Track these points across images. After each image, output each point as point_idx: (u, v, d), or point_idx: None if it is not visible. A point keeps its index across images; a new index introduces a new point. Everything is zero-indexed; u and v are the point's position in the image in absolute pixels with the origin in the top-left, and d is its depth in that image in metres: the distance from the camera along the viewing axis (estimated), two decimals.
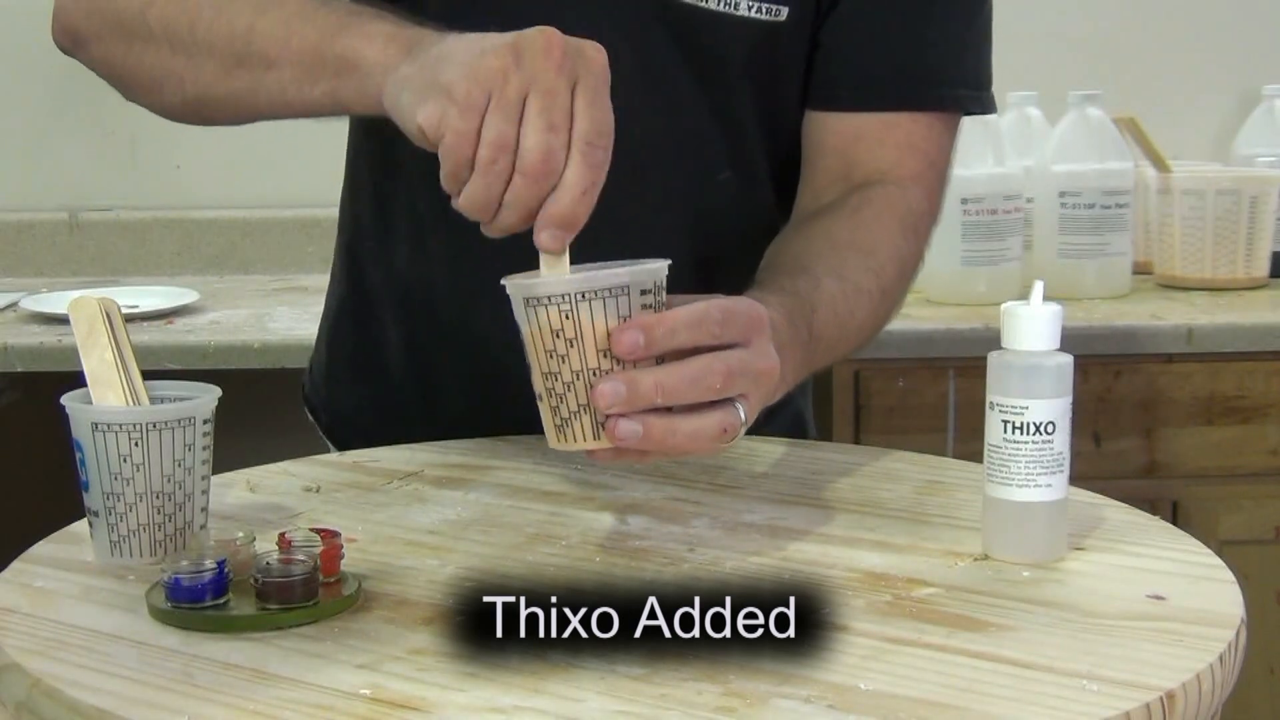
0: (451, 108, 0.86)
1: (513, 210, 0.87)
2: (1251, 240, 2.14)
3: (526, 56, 0.86)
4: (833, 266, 1.07)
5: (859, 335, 1.10)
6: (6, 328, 2.05)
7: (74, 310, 0.94)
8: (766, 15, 1.14)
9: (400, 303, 1.25)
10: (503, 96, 0.85)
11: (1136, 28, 2.53)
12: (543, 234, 0.86)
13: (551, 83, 0.85)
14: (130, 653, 0.78)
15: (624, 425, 0.85)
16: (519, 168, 0.85)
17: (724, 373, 0.86)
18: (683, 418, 0.86)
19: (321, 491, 1.07)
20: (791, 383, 0.99)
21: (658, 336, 0.85)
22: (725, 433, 0.87)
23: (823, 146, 1.19)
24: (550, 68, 0.85)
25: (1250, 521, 1.97)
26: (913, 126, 1.18)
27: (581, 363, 0.86)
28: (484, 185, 0.86)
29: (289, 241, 2.52)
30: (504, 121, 0.85)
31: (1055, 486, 0.90)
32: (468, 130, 0.86)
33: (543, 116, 0.85)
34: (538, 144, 0.85)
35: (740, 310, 0.89)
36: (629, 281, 0.86)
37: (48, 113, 2.52)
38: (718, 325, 0.87)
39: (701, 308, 0.87)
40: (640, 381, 0.85)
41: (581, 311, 0.85)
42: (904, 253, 1.14)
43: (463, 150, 0.86)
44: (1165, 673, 0.75)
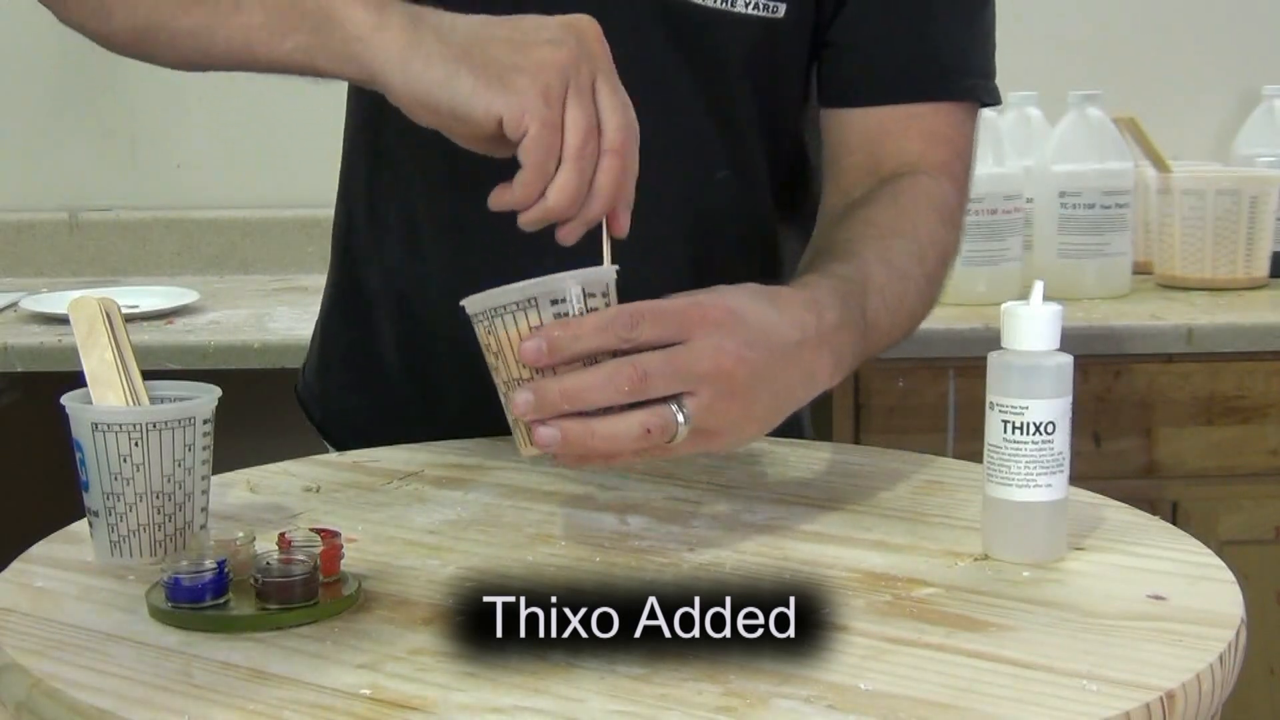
0: (535, 99, 0.86)
1: (603, 194, 0.89)
2: (1251, 240, 2.14)
3: (585, 43, 0.89)
4: (880, 253, 1.07)
5: (910, 321, 1.09)
6: (6, 328, 2.05)
7: (74, 310, 0.94)
8: (764, 12, 1.15)
9: (394, 299, 1.25)
10: (579, 85, 0.87)
11: (1136, 28, 2.53)
12: (624, 217, 0.91)
13: (610, 66, 0.89)
14: (130, 653, 0.78)
15: (542, 431, 0.86)
16: (609, 147, 0.88)
17: (632, 374, 0.86)
18: (599, 420, 0.86)
19: (321, 491, 1.07)
20: (851, 365, 0.98)
21: (562, 343, 0.86)
22: (649, 433, 0.87)
23: (847, 144, 1.19)
24: (603, 50, 0.89)
25: (1250, 521, 1.97)
26: (935, 117, 1.18)
27: (507, 373, 0.89)
28: (577, 173, 0.88)
29: (289, 241, 2.52)
30: (587, 108, 0.88)
31: (1055, 486, 0.90)
32: (555, 120, 0.87)
33: (616, 96, 0.89)
34: (623, 122, 0.89)
35: (669, 309, 0.88)
36: (536, 294, 0.87)
37: (48, 113, 2.52)
38: (626, 328, 0.87)
39: (611, 312, 0.88)
40: (546, 388, 0.86)
41: (497, 325, 0.88)
42: (943, 240, 1.13)
43: (553, 141, 0.87)
44: (1165, 673, 0.75)
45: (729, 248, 1.20)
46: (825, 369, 0.95)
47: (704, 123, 1.18)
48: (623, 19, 1.13)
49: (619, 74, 0.91)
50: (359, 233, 1.28)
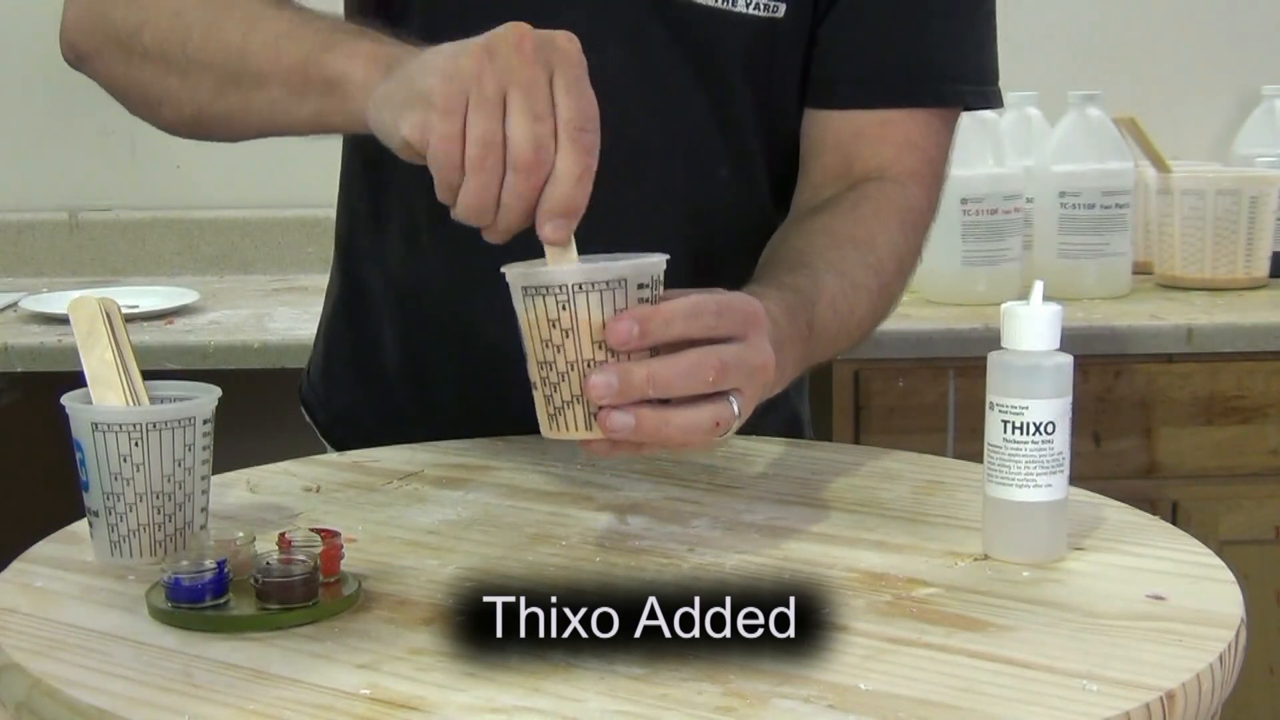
0: (432, 114, 0.85)
1: (511, 208, 0.86)
2: (1251, 240, 2.14)
3: (499, 53, 0.85)
4: (833, 262, 1.07)
5: (859, 330, 1.10)
6: (6, 328, 2.05)
7: (74, 310, 0.94)
8: (764, 12, 1.15)
9: (396, 301, 1.25)
10: (481, 95, 0.85)
11: (1136, 28, 2.53)
12: (545, 226, 0.86)
13: (528, 75, 0.85)
14: (130, 653, 0.78)
15: (616, 417, 0.85)
16: (511, 162, 0.85)
17: (717, 366, 0.86)
18: (675, 410, 0.86)
19: (321, 491, 1.07)
20: (790, 377, 0.99)
21: (653, 327, 0.85)
22: (718, 426, 0.87)
23: (822, 144, 1.20)
24: (524, 61, 0.85)
25: (1250, 521, 1.97)
26: (911, 124, 1.18)
27: (576, 353, 0.86)
28: (479, 185, 0.85)
29: (289, 241, 2.52)
30: (487, 119, 0.84)
31: (1055, 486, 0.90)
32: (452, 133, 0.85)
33: (525, 108, 0.84)
34: (525, 135, 0.84)
35: (737, 304, 0.89)
36: (627, 275, 0.86)
37: (48, 113, 2.52)
38: (713, 317, 0.87)
39: (697, 299, 0.88)
40: (633, 373, 0.85)
41: (578, 302, 0.85)
42: (902, 249, 1.14)
43: (451, 153, 0.85)
44: (1165, 673, 0.75)
45: (728, 246, 1.20)
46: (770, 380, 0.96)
47: (704, 122, 1.18)
48: (623, 19, 1.13)
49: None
50: (361, 235, 1.28)
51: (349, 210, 1.30)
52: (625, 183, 1.09)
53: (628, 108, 1.11)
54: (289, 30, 1.00)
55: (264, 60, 1.00)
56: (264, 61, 1.00)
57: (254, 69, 1.01)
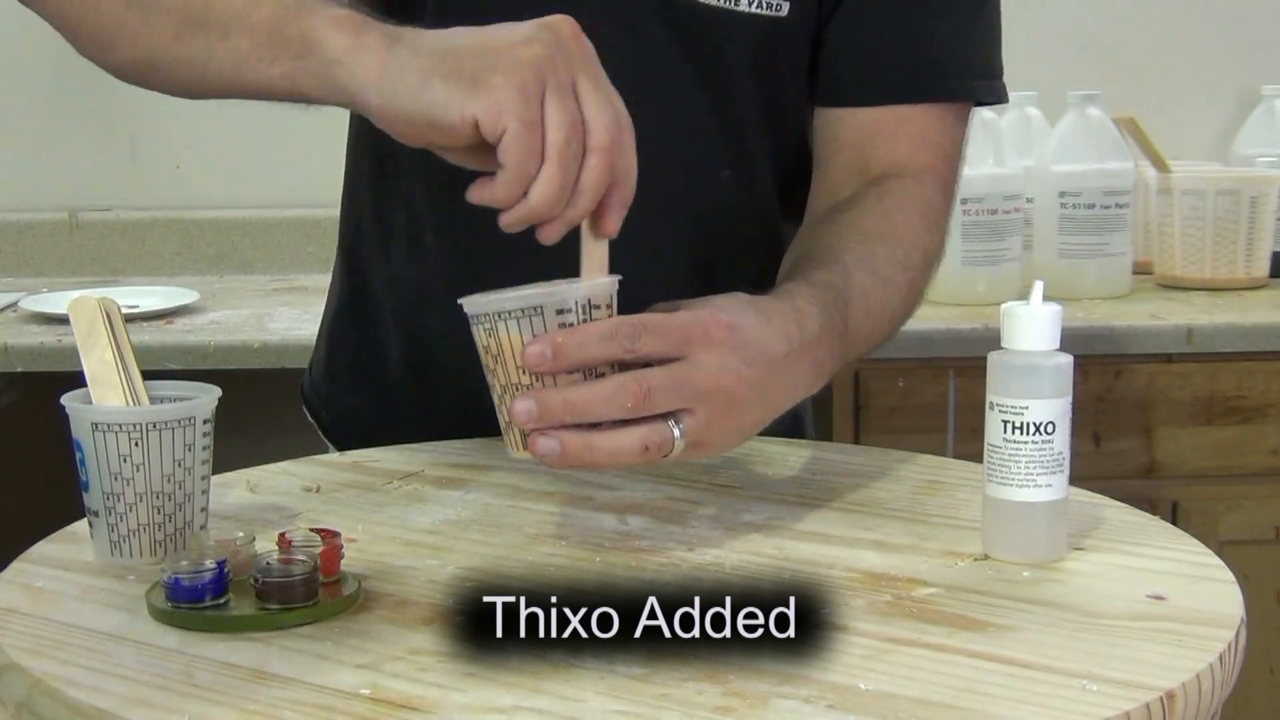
0: (511, 96, 0.84)
1: (589, 193, 0.86)
2: (1251, 240, 2.14)
3: (562, 40, 0.87)
4: (863, 258, 1.07)
5: (890, 326, 1.10)
6: (6, 328, 2.05)
7: (74, 310, 0.94)
8: (767, 11, 1.15)
9: (399, 303, 1.25)
10: (558, 81, 0.85)
11: (1136, 28, 2.53)
12: (613, 218, 0.89)
13: (593, 63, 0.87)
14: (130, 653, 0.78)
15: (541, 442, 0.87)
16: (594, 145, 0.86)
17: (637, 391, 0.86)
18: (600, 435, 0.87)
19: (321, 491, 1.07)
20: (830, 373, 0.99)
21: (566, 350, 0.86)
22: (647, 450, 0.87)
23: (837, 143, 1.19)
24: (584, 49, 0.87)
25: (1250, 521, 1.97)
26: (924, 120, 1.18)
27: (506, 378, 0.89)
28: (560, 172, 0.85)
29: (289, 241, 2.52)
30: (569, 104, 0.85)
31: (1055, 486, 0.90)
32: (535, 119, 0.84)
33: (601, 93, 0.86)
34: (610, 119, 0.86)
35: (671, 324, 0.89)
36: (542, 302, 0.88)
37: (48, 113, 2.52)
38: (629, 340, 0.87)
39: (614, 322, 0.88)
40: (549, 399, 0.86)
41: (499, 330, 0.88)
42: (927, 244, 1.14)
43: (534, 139, 0.85)
44: (1165, 673, 0.75)
45: (732, 248, 1.20)
46: (806, 379, 0.97)
47: (707, 122, 1.18)
48: (625, 18, 1.13)
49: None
50: (365, 238, 1.28)
51: (353, 212, 1.30)
52: None
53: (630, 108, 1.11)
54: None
55: (233, 9, 0.93)
56: (233, 10, 0.93)
57: (221, 16, 0.94)
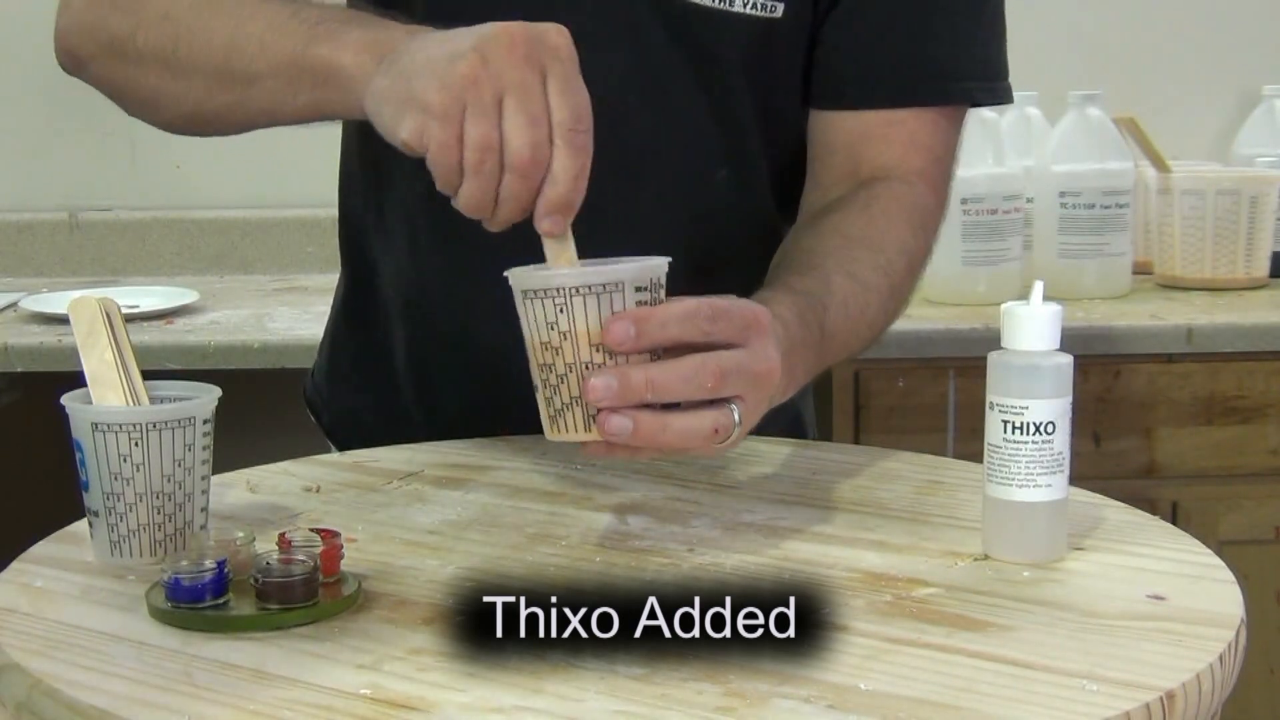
0: (430, 120, 0.87)
1: (509, 205, 0.88)
2: (1251, 240, 2.14)
3: (492, 56, 0.87)
4: (843, 263, 1.08)
5: (870, 332, 1.10)
6: (6, 328, 2.05)
7: (74, 310, 0.94)
8: (762, 11, 1.15)
9: (398, 303, 1.25)
10: (478, 100, 0.86)
11: (1136, 28, 2.53)
12: (544, 222, 0.88)
13: (522, 77, 0.87)
14: (130, 653, 0.78)
15: (615, 420, 0.86)
16: (508, 165, 0.87)
17: (717, 372, 0.87)
18: (675, 415, 0.87)
19: (321, 491, 1.07)
20: (801, 382, 0.99)
21: (648, 329, 0.86)
22: (717, 433, 0.88)
23: (828, 145, 1.20)
24: (517, 63, 0.87)
25: (1250, 521, 1.97)
26: (917, 123, 1.18)
27: (575, 356, 0.87)
28: (477, 187, 0.88)
29: (289, 241, 2.52)
30: (484, 124, 0.86)
31: (1055, 486, 0.90)
32: (449, 140, 0.87)
33: (521, 113, 0.86)
34: (523, 141, 0.86)
35: (736, 310, 0.90)
36: (624, 278, 0.87)
37: (48, 113, 2.52)
38: (707, 321, 0.88)
39: (693, 303, 0.88)
40: (631, 376, 0.86)
41: (575, 306, 0.86)
42: (913, 248, 1.14)
43: (450, 159, 0.88)
44: (1165, 673, 0.75)
45: (728, 247, 1.20)
46: (780, 386, 0.96)
47: (703, 122, 1.18)
48: (621, 19, 1.13)
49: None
50: (365, 238, 1.28)
51: (350, 212, 1.30)
52: (624, 184, 1.09)
53: (626, 109, 1.11)
54: (276, 24, 1.01)
55: (253, 57, 1.01)
56: (254, 57, 1.01)
57: (244, 66, 1.02)
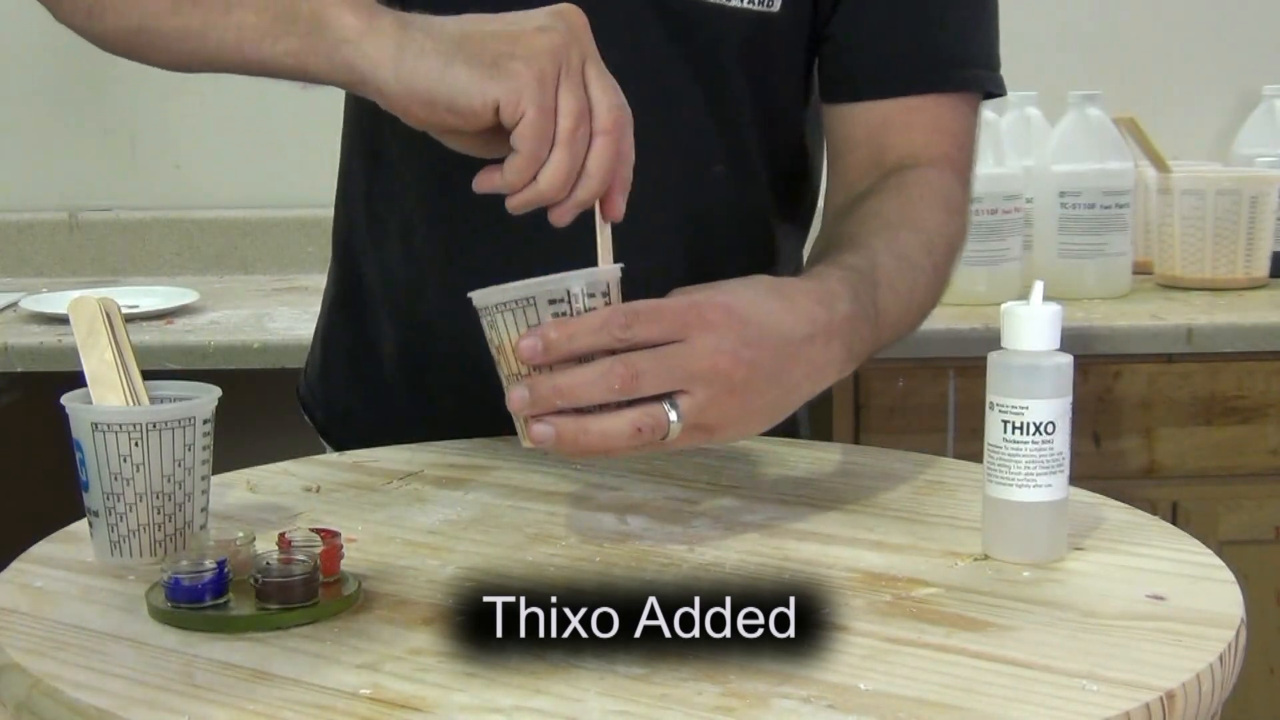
0: (530, 84, 0.87)
1: (596, 176, 0.90)
2: (1251, 240, 2.14)
3: (575, 28, 0.90)
4: (888, 243, 1.07)
5: (919, 312, 1.10)
6: (6, 328, 2.05)
7: (74, 310, 0.94)
8: (759, 6, 1.15)
9: (392, 300, 1.25)
10: (570, 69, 0.88)
11: (1136, 28, 2.53)
12: (619, 200, 0.92)
13: (597, 52, 0.90)
14: (130, 653, 0.78)
15: (537, 428, 0.88)
16: (601, 128, 0.89)
17: (623, 374, 0.87)
18: (593, 418, 0.88)
19: (321, 491, 1.07)
20: (861, 357, 0.99)
21: (557, 343, 0.87)
22: (640, 432, 0.88)
23: (850, 139, 1.20)
24: (591, 38, 0.90)
25: (1250, 521, 1.97)
26: (937, 109, 1.18)
27: (508, 368, 0.90)
28: (569, 156, 0.88)
29: (289, 241, 2.52)
30: (579, 92, 0.89)
31: (1055, 486, 0.90)
32: (549, 105, 0.88)
33: (605, 79, 0.90)
34: (615, 104, 0.90)
35: (666, 309, 0.89)
36: (534, 294, 0.89)
37: (48, 113, 2.51)
38: (621, 329, 0.88)
39: (605, 312, 0.89)
40: (539, 385, 0.88)
41: (499, 321, 0.89)
42: (950, 231, 1.14)
43: (547, 125, 0.88)
44: (1165, 673, 0.75)
45: (725, 243, 1.20)
46: (836, 361, 0.96)
47: (700, 118, 1.18)
48: (618, 14, 1.13)
49: (614, 70, 0.92)
50: (358, 234, 1.28)
51: (346, 210, 1.30)
52: None
53: None
54: None
55: None
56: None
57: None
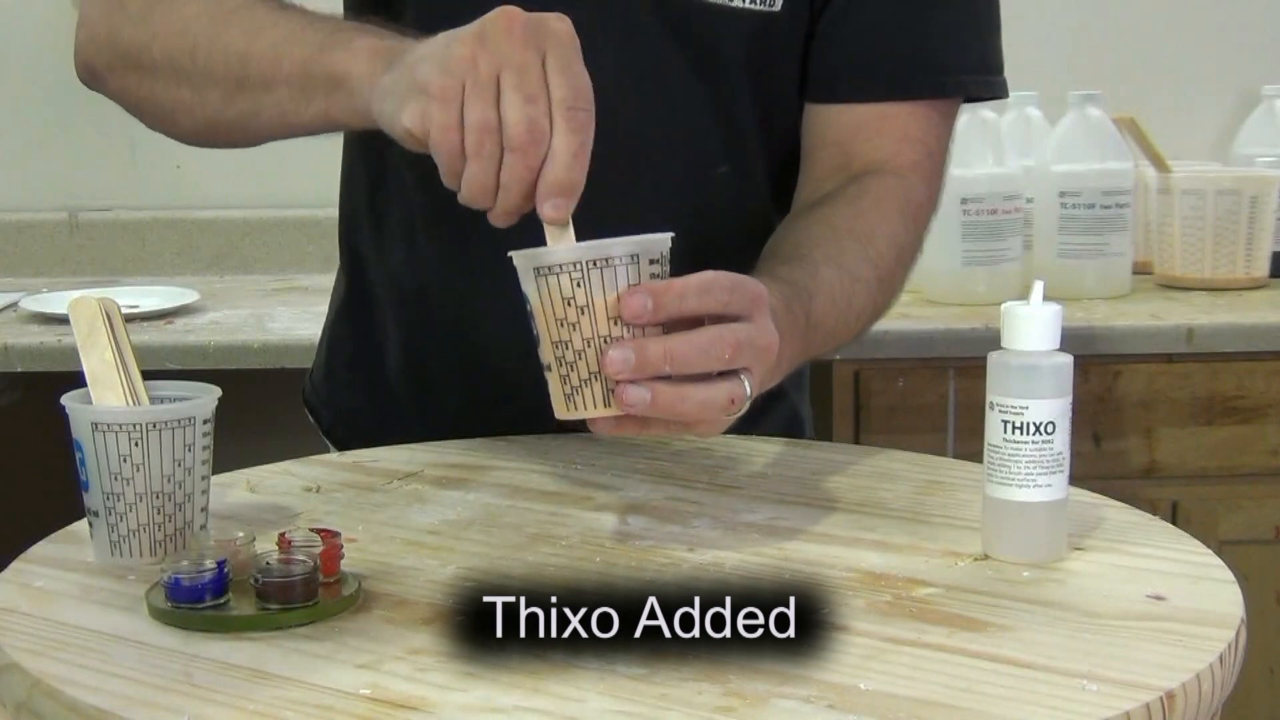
0: (431, 103, 0.87)
1: (511, 189, 0.88)
2: (1251, 240, 2.14)
3: (490, 38, 0.87)
4: (831, 255, 1.08)
5: (858, 323, 1.10)
6: (6, 328, 2.05)
7: (74, 310, 0.94)
8: (761, 6, 1.15)
9: (396, 302, 1.25)
10: (476, 81, 0.87)
11: (1136, 28, 2.53)
12: (545, 205, 0.87)
13: (520, 57, 0.87)
14: (130, 653, 0.78)
15: (632, 391, 0.86)
16: (506, 144, 0.86)
17: (733, 344, 0.87)
18: (692, 386, 0.87)
19: (321, 491, 1.07)
20: (787, 369, 0.99)
21: (666, 301, 0.86)
22: (733, 404, 0.88)
23: (822, 139, 1.20)
24: (515, 44, 0.87)
25: (1250, 521, 1.97)
26: (909, 117, 1.18)
27: (593, 330, 0.87)
28: (479, 170, 0.87)
29: (289, 241, 2.52)
30: (482, 105, 0.86)
31: (1055, 486, 0.90)
32: (450, 121, 0.87)
33: (518, 90, 0.86)
34: (519, 116, 0.86)
35: (745, 284, 0.90)
36: (639, 250, 0.87)
37: (48, 113, 2.51)
38: (725, 293, 0.88)
39: (710, 276, 0.88)
40: (649, 348, 0.86)
41: (593, 279, 0.86)
42: (902, 240, 1.14)
43: (451, 141, 0.87)
44: (1165, 673, 0.75)
45: (727, 243, 1.20)
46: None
47: (702, 118, 1.18)
48: (620, 15, 1.13)
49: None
50: (361, 236, 1.28)
51: (350, 211, 1.30)
52: (623, 180, 1.09)
53: (626, 105, 1.11)
54: (290, 34, 1.02)
55: (268, 65, 1.02)
56: (268, 66, 1.02)
57: (259, 74, 1.03)
